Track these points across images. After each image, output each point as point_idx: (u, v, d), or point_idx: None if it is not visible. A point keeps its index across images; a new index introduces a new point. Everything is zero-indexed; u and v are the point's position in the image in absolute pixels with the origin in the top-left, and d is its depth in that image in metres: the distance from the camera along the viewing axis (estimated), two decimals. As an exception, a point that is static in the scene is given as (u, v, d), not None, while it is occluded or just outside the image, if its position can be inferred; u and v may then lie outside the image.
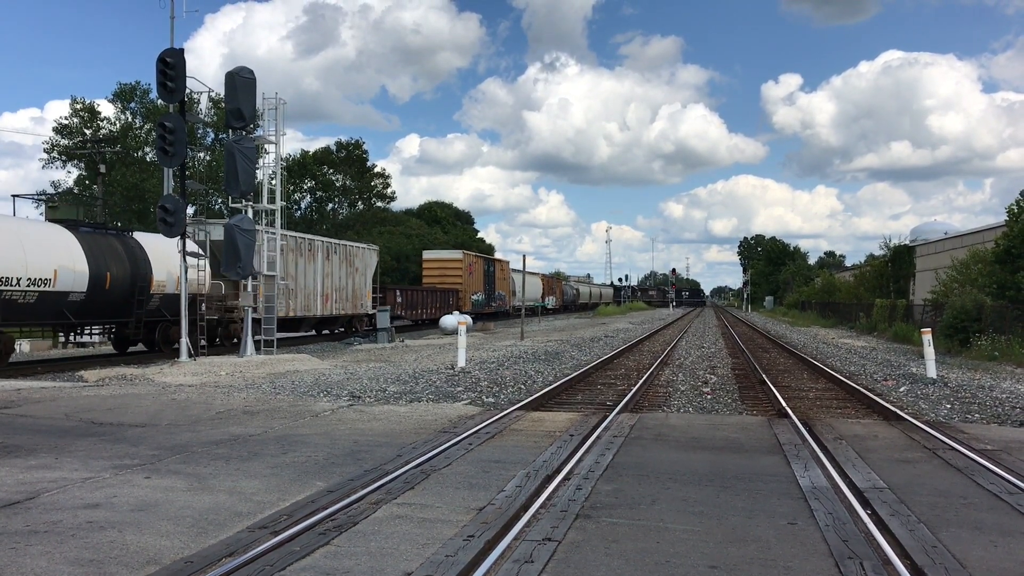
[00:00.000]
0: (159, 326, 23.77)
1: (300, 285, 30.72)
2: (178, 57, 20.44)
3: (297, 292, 30.43)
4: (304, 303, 31.20)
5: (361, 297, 36.74)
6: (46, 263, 19.23)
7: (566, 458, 9.08)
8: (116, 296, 21.64)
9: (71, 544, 5.96)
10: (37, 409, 12.80)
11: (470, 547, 5.90)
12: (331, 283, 33.56)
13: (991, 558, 5.85)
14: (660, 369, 20.99)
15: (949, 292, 31.63)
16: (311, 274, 31.77)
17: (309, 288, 31.62)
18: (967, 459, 9.26)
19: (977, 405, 14.22)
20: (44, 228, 20.43)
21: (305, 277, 31.24)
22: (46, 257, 19.30)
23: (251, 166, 21.56)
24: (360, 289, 36.63)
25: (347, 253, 35.52)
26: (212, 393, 15.06)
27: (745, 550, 5.96)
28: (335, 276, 33.97)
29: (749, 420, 12.54)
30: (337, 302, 34.19)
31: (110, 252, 21.76)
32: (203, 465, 8.71)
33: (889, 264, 52.47)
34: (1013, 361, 22.23)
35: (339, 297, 34.45)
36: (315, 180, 74.88)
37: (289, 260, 29.25)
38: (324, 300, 32.91)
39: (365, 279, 37.30)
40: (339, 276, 34.40)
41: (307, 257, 31.51)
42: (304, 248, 31.32)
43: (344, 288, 34.96)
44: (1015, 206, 27.23)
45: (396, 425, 11.50)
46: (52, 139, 58.45)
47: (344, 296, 34.94)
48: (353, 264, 35.95)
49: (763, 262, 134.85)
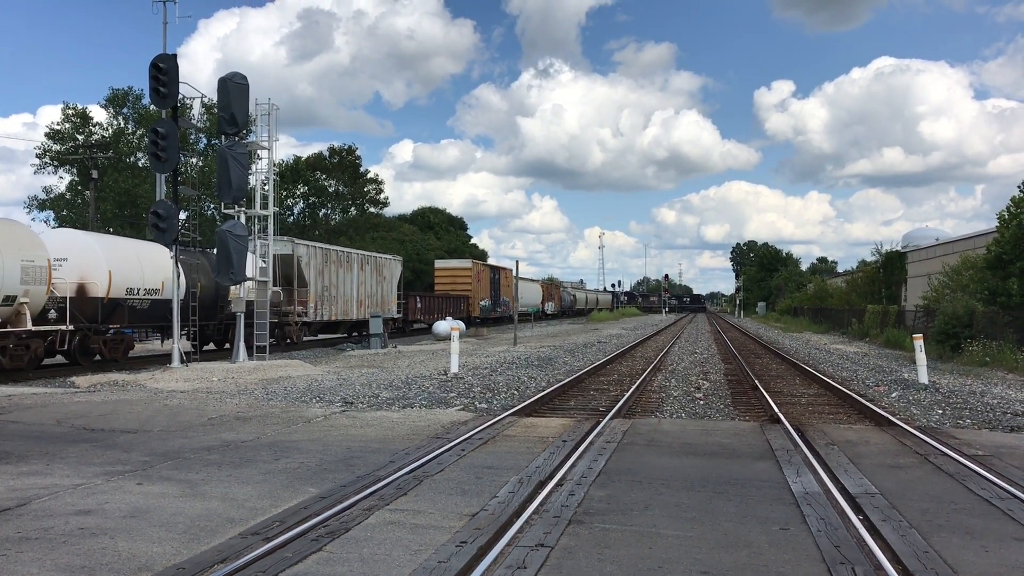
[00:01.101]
0: (231, 328, 26.74)
1: (340, 293, 34.51)
2: (171, 62, 20.43)
3: (337, 299, 34.25)
4: (343, 308, 34.92)
5: (388, 303, 40.35)
6: (156, 276, 23.28)
7: (559, 464, 9.09)
8: (203, 303, 25.10)
9: (62, 551, 5.94)
10: (28, 415, 12.75)
11: (463, 553, 5.90)
12: (364, 290, 37.29)
13: (982, 563, 5.88)
14: (653, 375, 21.01)
15: (940, 298, 31.74)
16: (348, 283, 35.44)
17: (347, 295, 35.32)
18: (958, 464, 9.29)
19: (968, 410, 14.26)
20: (152, 247, 23.75)
21: (344, 286, 34.91)
22: (155, 271, 23.24)
23: (244, 172, 21.51)
24: (387, 295, 40.28)
25: (377, 264, 39.16)
26: (204, 399, 15.03)
27: (737, 555, 5.98)
28: (367, 284, 37.68)
29: (741, 426, 12.57)
30: (369, 307, 37.45)
31: (199, 266, 25.46)
32: (195, 471, 8.68)
33: (881, 270, 52.63)
34: (1004, 367, 22.31)
35: (370, 303, 37.93)
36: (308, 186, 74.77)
37: (332, 271, 33.46)
38: (359, 305, 36.62)
39: (391, 286, 40.91)
40: (370, 284, 38.05)
41: (345, 268, 35.15)
42: (343, 260, 35.06)
43: (375, 295, 38.52)
44: (1006, 212, 27.32)
45: (389, 431, 11.49)
46: (44, 144, 58.29)
47: (375, 302, 38.40)
48: (382, 273, 39.54)
49: (755, 268, 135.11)
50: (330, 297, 33.45)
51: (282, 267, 30.38)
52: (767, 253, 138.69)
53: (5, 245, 18.31)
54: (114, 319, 22.15)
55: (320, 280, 32.76)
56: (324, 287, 33.10)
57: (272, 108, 23.91)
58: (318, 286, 32.59)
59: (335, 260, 34.15)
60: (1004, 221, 27.27)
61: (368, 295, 37.67)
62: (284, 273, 30.65)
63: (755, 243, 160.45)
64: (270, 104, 23.91)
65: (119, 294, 21.94)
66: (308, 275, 31.76)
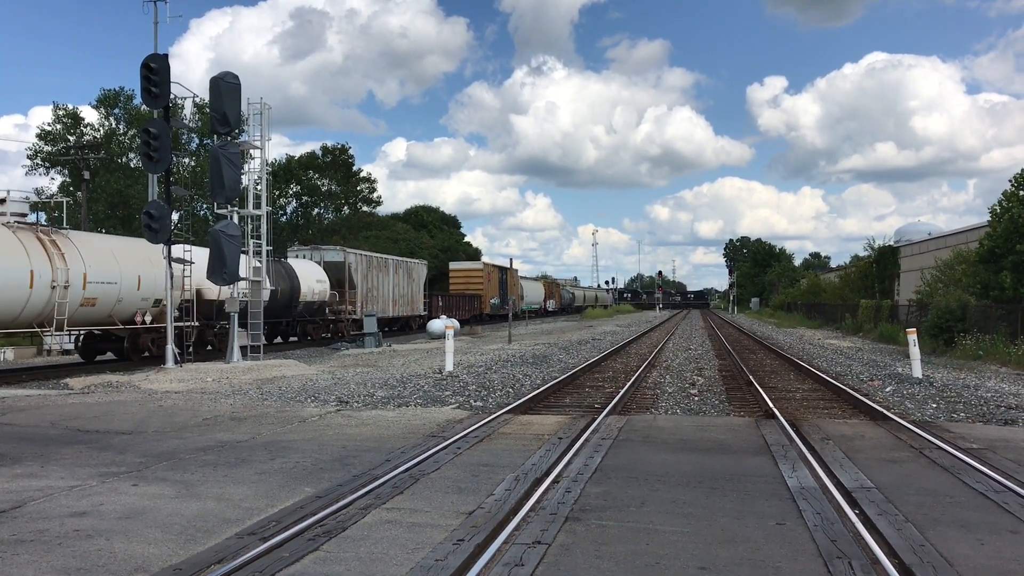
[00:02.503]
0: (299, 324, 33.09)
1: (380, 294, 39.82)
2: (162, 62, 20.37)
3: (378, 299, 39.46)
4: (382, 307, 39.91)
5: (416, 302, 45.59)
6: None
7: (555, 461, 9.09)
8: (281, 303, 30.24)
9: (58, 553, 5.91)
10: (22, 417, 12.71)
11: (460, 551, 5.89)
12: (398, 291, 42.59)
13: (978, 556, 5.89)
14: (648, 371, 21.03)
15: (934, 292, 31.86)
16: (386, 285, 40.80)
17: (385, 296, 40.56)
18: (953, 458, 9.32)
19: (962, 404, 14.31)
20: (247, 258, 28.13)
21: (383, 287, 40.29)
22: None
23: (236, 171, 21.44)
24: (416, 295, 45.56)
25: (407, 267, 44.41)
26: (199, 399, 14.99)
27: (734, 551, 5.98)
28: (400, 286, 42.93)
29: (737, 421, 12.59)
30: (401, 306, 43.10)
31: (278, 273, 29.95)
32: (191, 472, 8.66)
33: (874, 265, 52.75)
34: (997, 360, 22.40)
35: (403, 302, 43.42)
36: (301, 185, 74.64)
37: (374, 275, 39.02)
38: (394, 304, 42.08)
39: (419, 287, 46.17)
40: (403, 285, 43.32)
41: (384, 272, 40.58)
42: (382, 265, 40.65)
43: (405, 295, 43.85)
44: (998, 206, 27.42)
45: (384, 430, 11.48)
46: (35, 145, 58.09)
47: (405, 301, 43.86)
48: (411, 275, 44.74)
49: (749, 264, 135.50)
50: (372, 298, 38.58)
51: (335, 272, 34.99)
52: (760, 249, 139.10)
53: (157, 260, 22.17)
54: (221, 317, 25.97)
55: (365, 283, 37.90)
56: (368, 289, 38.25)
57: (264, 108, 23.84)
58: (364, 288, 37.65)
59: (376, 265, 39.57)
60: (996, 215, 27.38)
61: (401, 295, 42.92)
62: (336, 278, 35.07)
63: (748, 239, 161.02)
64: (262, 104, 23.84)
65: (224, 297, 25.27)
66: (356, 279, 36.75)
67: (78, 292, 20.23)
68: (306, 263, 33.63)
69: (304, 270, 32.62)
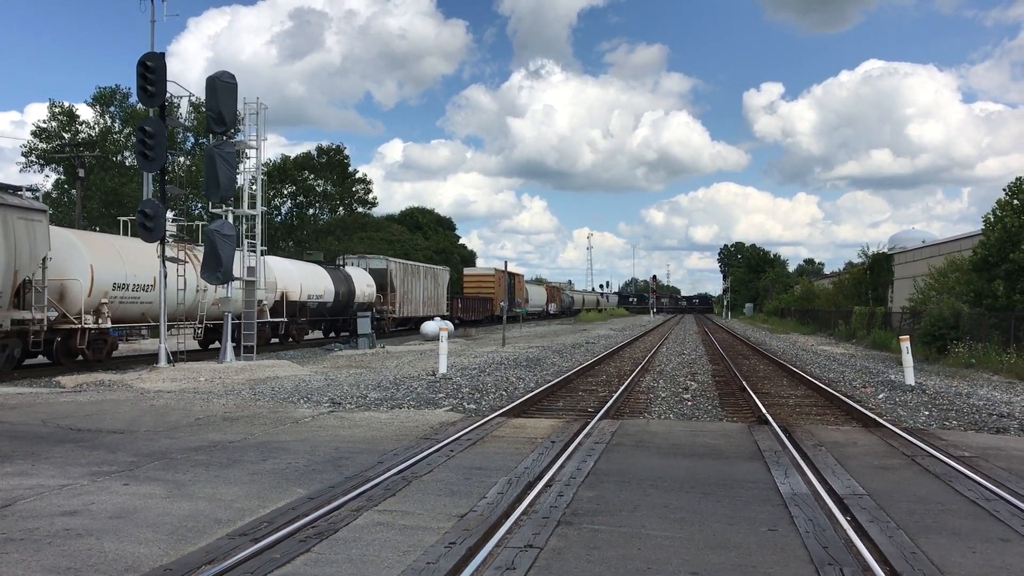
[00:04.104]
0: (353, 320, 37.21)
1: (413, 296, 46.05)
2: (158, 61, 20.34)
3: (411, 301, 45.75)
4: (414, 308, 46.25)
5: (440, 303, 52.00)
6: (319, 287, 34.51)
7: (548, 465, 9.08)
8: (342, 304, 36.76)
9: (48, 552, 5.89)
10: (13, 415, 12.66)
11: (452, 554, 5.89)
12: (427, 294, 48.89)
13: (969, 564, 5.90)
14: (641, 376, 21.04)
15: (927, 300, 31.91)
16: (418, 288, 46.98)
17: (417, 298, 46.87)
18: (945, 466, 9.34)
19: (955, 412, 14.34)
20: (316, 267, 35.65)
21: (415, 291, 46.52)
22: (318, 283, 34.59)
23: (231, 171, 21.41)
24: (440, 298, 52.12)
25: (434, 273, 51.35)
26: (191, 399, 14.95)
27: (726, 556, 5.99)
28: (428, 289, 49.17)
29: (729, 427, 12.59)
30: (429, 307, 49.05)
31: (338, 278, 36.51)
32: (182, 472, 8.64)
33: (868, 272, 52.86)
34: (990, 368, 22.45)
35: (431, 303, 49.56)
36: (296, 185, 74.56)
37: (409, 280, 45.49)
38: (424, 305, 48.12)
39: (443, 290, 52.92)
40: (430, 289, 49.63)
41: (416, 277, 46.96)
42: (415, 271, 47.26)
43: (433, 297, 50.16)
44: (992, 215, 27.50)
45: (377, 432, 11.46)
46: (30, 143, 57.90)
47: (433, 303, 50.18)
48: (436, 280, 51.45)
49: (743, 269, 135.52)
50: (408, 299, 45.11)
51: (378, 278, 41.40)
52: (755, 254, 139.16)
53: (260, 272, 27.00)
54: (300, 315, 32.13)
55: (402, 286, 44.28)
56: (404, 292, 44.55)
57: (260, 107, 23.84)
58: (401, 291, 43.99)
59: (410, 272, 46.17)
60: (990, 223, 27.44)
61: (429, 297, 49.16)
62: (380, 282, 41.35)
63: (743, 244, 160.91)
64: (258, 103, 23.84)
65: (303, 299, 32.21)
66: (395, 283, 43.23)
67: (211, 295, 25.99)
68: (358, 270, 40.07)
69: (357, 276, 39.15)
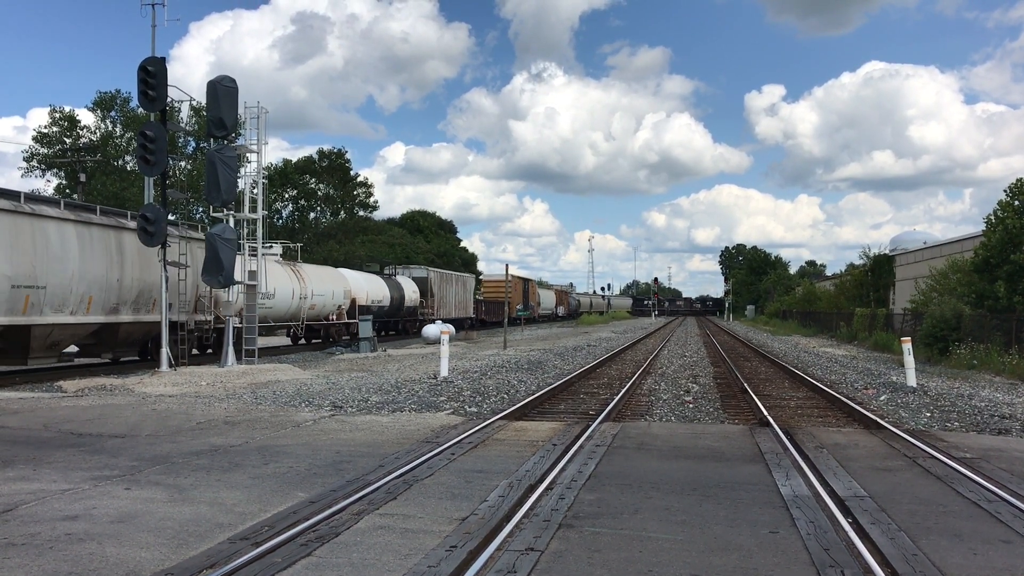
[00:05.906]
0: (401, 322, 45.60)
1: (447, 301, 52.18)
2: (159, 65, 20.36)
3: (445, 304, 51.58)
4: (447, 311, 51.65)
5: (468, 307, 58.78)
6: (381, 293, 40.83)
7: (549, 468, 9.08)
8: (394, 307, 42.86)
9: (49, 557, 5.89)
10: (14, 420, 12.67)
11: (453, 557, 5.89)
12: (458, 299, 55.37)
13: (970, 566, 5.90)
14: (642, 378, 21.03)
15: (928, 301, 31.90)
16: (451, 294, 53.35)
17: (450, 303, 52.96)
18: (947, 467, 9.33)
19: (956, 413, 14.33)
20: (373, 277, 41.49)
21: (448, 296, 52.66)
22: (379, 290, 40.65)
23: (232, 175, 21.43)
24: (468, 302, 58.98)
25: (463, 280, 58.39)
26: (192, 403, 14.96)
27: (727, 559, 5.98)
28: (458, 294, 55.67)
29: (731, 429, 12.59)
30: (459, 310, 55.52)
31: (392, 286, 42.72)
32: (184, 476, 8.64)
33: (869, 273, 52.86)
34: (992, 370, 22.44)
35: (460, 307, 56.05)
36: (297, 189, 74.62)
37: (444, 286, 51.54)
38: (456, 308, 54.46)
39: (470, 295, 59.72)
40: (460, 294, 56.19)
41: (449, 284, 53.31)
42: (449, 279, 53.72)
43: (462, 302, 56.73)
44: (993, 216, 27.50)
45: (378, 435, 11.46)
46: (32, 148, 57.97)
47: (462, 307, 56.82)
48: (465, 286, 58.36)
49: (744, 271, 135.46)
50: (443, 303, 50.96)
51: (420, 285, 47.31)
52: (756, 256, 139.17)
53: (337, 282, 35.23)
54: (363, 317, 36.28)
55: (439, 292, 50.22)
56: (441, 296, 50.46)
57: (261, 111, 23.85)
58: (439, 296, 49.89)
59: (445, 279, 52.58)
60: (991, 225, 27.44)
61: (459, 302, 55.71)
62: (422, 288, 47.32)
63: (744, 246, 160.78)
64: (259, 107, 23.85)
65: (368, 303, 38.10)
66: (434, 289, 49.15)
67: (308, 300, 31.18)
68: (405, 279, 46.19)
69: (405, 284, 45.42)
